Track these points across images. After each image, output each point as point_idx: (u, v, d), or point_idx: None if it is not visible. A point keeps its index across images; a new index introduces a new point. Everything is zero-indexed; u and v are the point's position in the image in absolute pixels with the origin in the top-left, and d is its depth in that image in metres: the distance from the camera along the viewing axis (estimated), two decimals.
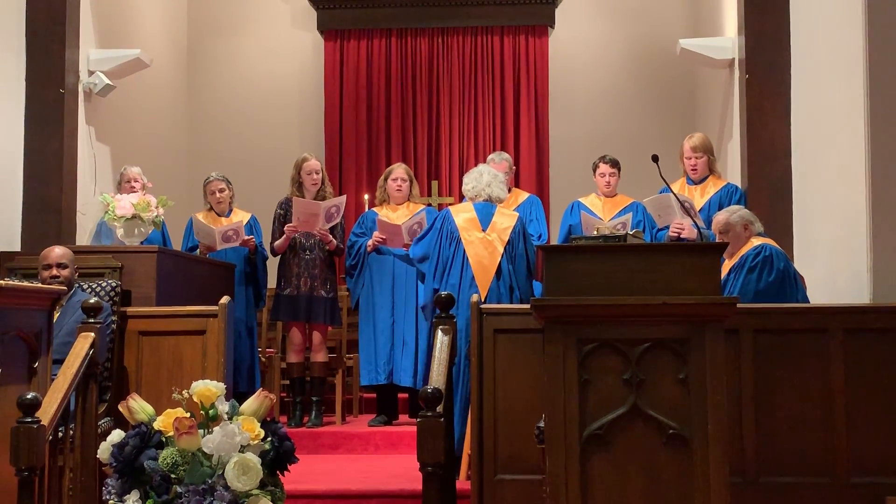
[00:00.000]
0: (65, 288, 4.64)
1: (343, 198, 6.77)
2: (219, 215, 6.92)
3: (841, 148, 5.38)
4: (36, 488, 3.71)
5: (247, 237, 6.67)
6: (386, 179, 6.95)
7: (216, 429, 3.62)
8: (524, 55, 9.62)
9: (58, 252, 4.93)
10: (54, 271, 4.87)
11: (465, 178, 5.91)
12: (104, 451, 3.67)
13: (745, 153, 6.61)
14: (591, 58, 9.84)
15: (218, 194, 6.91)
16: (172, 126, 9.54)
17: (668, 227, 6.13)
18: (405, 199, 6.91)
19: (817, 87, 5.92)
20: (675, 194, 5.64)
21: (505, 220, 5.69)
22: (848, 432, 4.54)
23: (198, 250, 6.64)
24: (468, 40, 9.68)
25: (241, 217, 6.93)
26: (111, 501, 3.60)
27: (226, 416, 3.71)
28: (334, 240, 6.72)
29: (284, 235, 6.69)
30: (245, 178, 8.13)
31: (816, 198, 5.91)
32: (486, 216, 5.68)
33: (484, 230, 5.64)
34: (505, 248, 5.58)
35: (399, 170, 6.95)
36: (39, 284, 4.56)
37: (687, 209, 5.65)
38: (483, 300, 5.34)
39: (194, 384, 3.73)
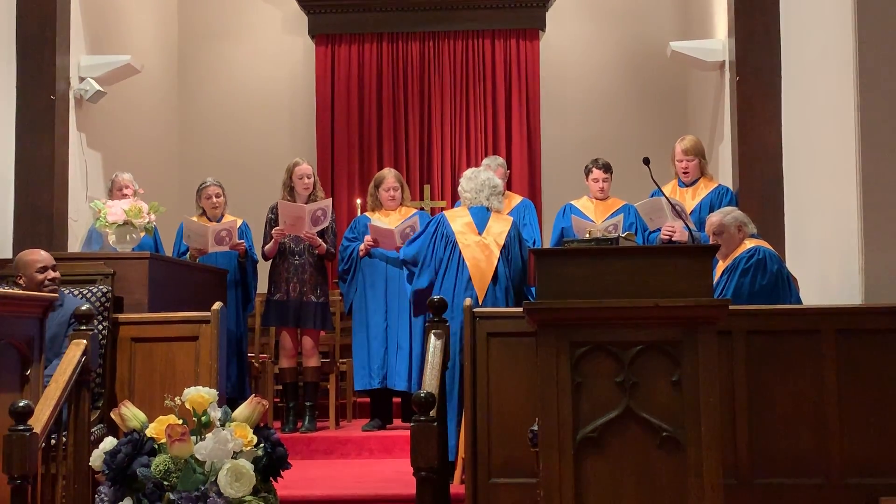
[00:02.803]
0: (57, 296, 4.62)
1: (328, 201, 6.75)
2: (210, 220, 6.91)
3: (832, 149, 5.40)
4: (29, 496, 3.70)
5: (238, 241, 6.66)
6: (377, 188, 6.92)
7: (209, 435, 3.61)
8: (515, 59, 9.63)
9: (46, 254, 4.89)
10: (51, 273, 4.82)
11: (464, 183, 5.86)
12: (97, 458, 3.66)
13: (737, 155, 6.63)
14: (582, 61, 9.86)
15: (214, 199, 6.91)
16: (164, 132, 9.53)
17: (659, 230, 6.14)
18: (398, 205, 6.91)
19: (808, 89, 5.93)
20: (666, 197, 5.64)
21: (500, 224, 5.70)
22: (841, 433, 4.54)
23: (188, 254, 6.62)
24: (459, 44, 9.69)
25: (227, 221, 6.91)
26: None
27: (218, 423, 3.70)
28: (323, 243, 6.71)
29: (273, 240, 6.69)
30: (237, 182, 8.12)
31: (808, 199, 5.92)
32: (481, 220, 5.68)
33: (480, 234, 5.64)
34: (501, 252, 5.58)
35: (390, 178, 6.91)
36: (31, 292, 4.54)
37: (678, 212, 5.66)
38: (480, 303, 5.35)
39: (187, 391, 3.73)
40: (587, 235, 5.12)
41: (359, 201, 8.06)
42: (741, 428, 4.56)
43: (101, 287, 5.09)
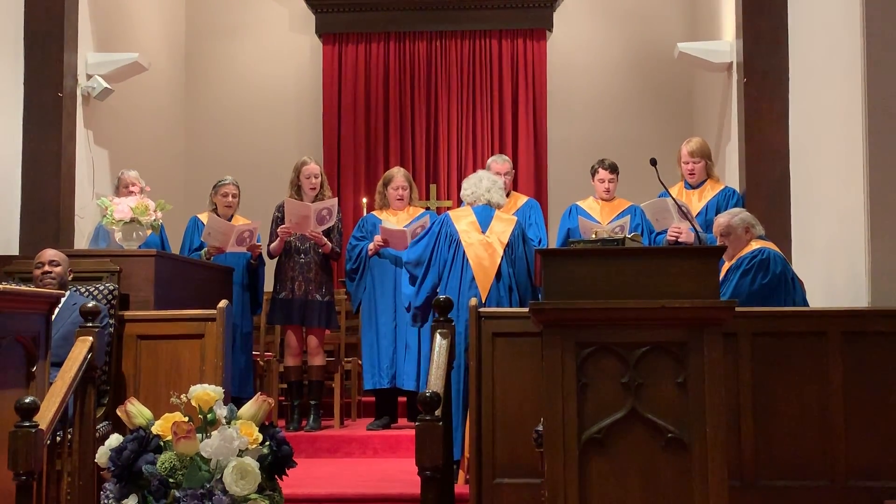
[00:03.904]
0: (63, 292, 4.63)
1: (334, 200, 6.74)
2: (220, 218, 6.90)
3: (839, 151, 5.39)
4: (34, 493, 3.71)
5: (256, 244, 6.66)
6: (386, 186, 6.93)
7: (214, 433, 3.62)
8: (522, 58, 9.63)
9: (51, 252, 4.97)
10: (46, 268, 4.88)
11: (465, 184, 5.91)
12: (102, 455, 3.67)
13: (744, 156, 6.62)
14: (590, 61, 9.85)
15: (230, 198, 6.90)
16: (170, 129, 9.54)
17: (665, 231, 6.13)
18: (406, 205, 6.91)
19: (815, 90, 5.93)
20: (672, 198, 5.64)
21: (504, 223, 5.70)
22: (846, 435, 4.54)
23: (203, 251, 6.60)
24: (466, 44, 9.69)
25: (243, 223, 6.90)
26: None
27: (224, 421, 3.70)
28: (329, 242, 6.71)
29: (279, 238, 6.69)
30: (243, 181, 8.07)
31: (814, 201, 5.91)
32: (485, 219, 5.69)
33: (483, 232, 5.65)
34: (504, 251, 5.59)
35: (399, 177, 6.92)
36: (36, 288, 4.56)
37: (685, 213, 5.66)
38: (483, 302, 5.35)
39: (192, 388, 3.73)
40: (593, 236, 5.12)
41: (365, 200, 8.05)
42: (746, 430, 4.55)
43: (107, 284, 5.10)
